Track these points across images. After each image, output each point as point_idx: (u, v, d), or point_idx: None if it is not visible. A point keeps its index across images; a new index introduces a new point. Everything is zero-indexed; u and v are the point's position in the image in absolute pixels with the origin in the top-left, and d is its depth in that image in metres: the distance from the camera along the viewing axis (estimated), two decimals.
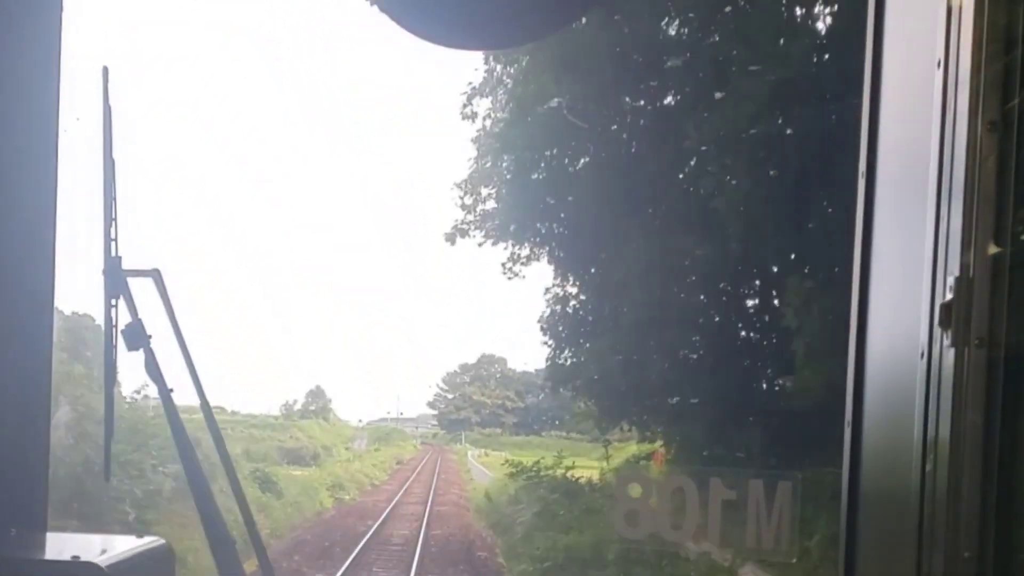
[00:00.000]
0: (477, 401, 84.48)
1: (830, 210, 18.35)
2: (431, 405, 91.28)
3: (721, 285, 23.88)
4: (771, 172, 20.08)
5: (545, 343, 30.43)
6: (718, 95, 20.11)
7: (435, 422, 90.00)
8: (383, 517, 34.07)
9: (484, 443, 75.89)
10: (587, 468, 33.11)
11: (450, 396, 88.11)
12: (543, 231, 29.27)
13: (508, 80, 28.17)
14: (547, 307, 30.59)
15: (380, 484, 48.74)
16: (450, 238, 31.75)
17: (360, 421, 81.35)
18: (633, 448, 34.65)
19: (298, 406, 68.29)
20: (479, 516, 35.57)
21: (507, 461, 34.61)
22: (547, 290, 30.61)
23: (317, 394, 71.69)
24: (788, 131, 19.63)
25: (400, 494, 43.55)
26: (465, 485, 49.28)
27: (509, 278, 31.05)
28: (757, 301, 24.58)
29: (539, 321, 30.38)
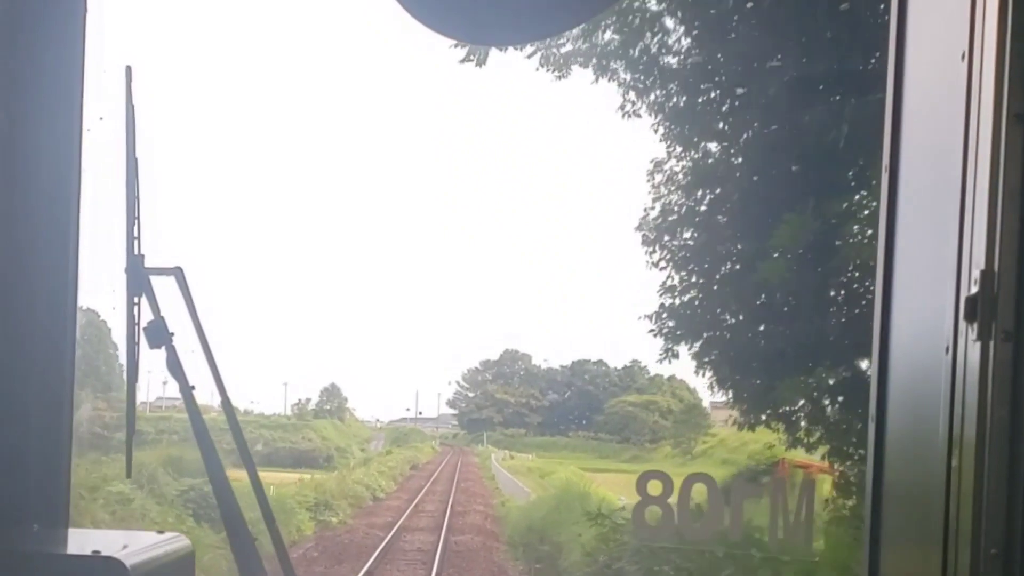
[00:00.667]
0: (500, 400, 79.72)
1: None
2: (451, 404, 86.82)
3: None
4: None
5: (655, 263, 18.41)
6: None
7: (456, 422, 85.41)
8: (374, 557, 23.89)
9: (507, 444, 71.99)
10: None
11: (471, 394, 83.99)
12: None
13: None
14: (653, 204, 18.69)
15: (384, 498, 39.94)
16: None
17: (378, 421, 78.35)
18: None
19: (312, 405, 66.07)
20: (514, 553, 25.46)
21: (619, 504, 21.75)
22: (650, 173, 19.14)
23: (332, 393, 68.99)
24: None
25: (407, 514, 34.05)
26: (490, 498, 41.29)
27: (625, 116, 17.58)
28: None
29: (638, 227, 19.05)
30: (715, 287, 17.55)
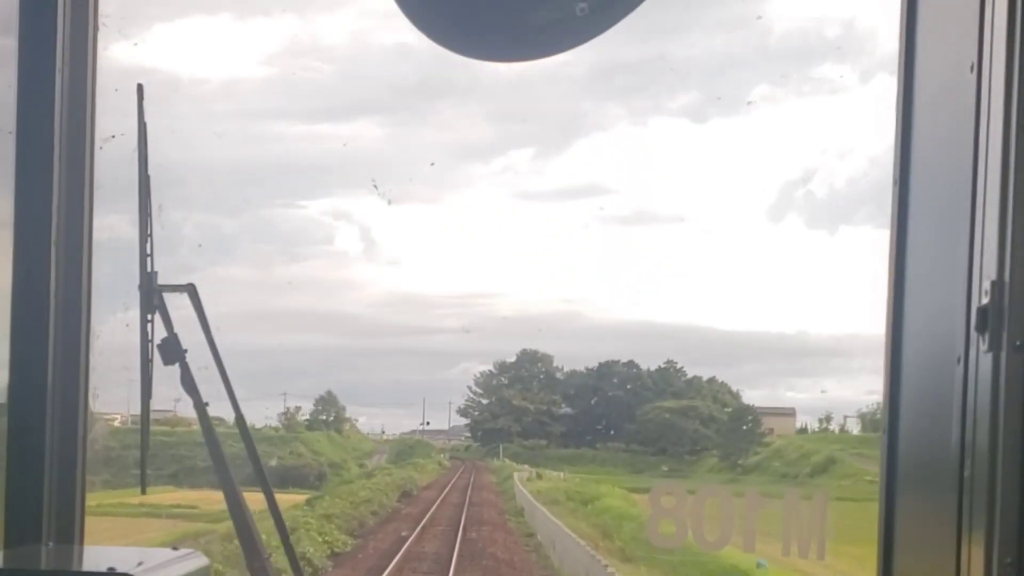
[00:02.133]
0: (518, 407, 67.08)
1: None
2: (463, 412, 72.33)
3: None
4: None
5: None
6: None
7: (468, 433, 73.05)
8: None
9: (527, 457, 62.56)
10: None
11: (485, 401, 70.45)
12: None
13: None
14: None
15: (331, 568, 24.00)
16: None
17: (384, 433, 68.14)
18: None
19: (304, 415, 57.88)
20: None
21: None
22: None
23: (329, 402, 60.00)
24: None
25: None
26: (528, 571, 24.93)
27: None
28: None
29: None
30: None
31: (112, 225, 3.56)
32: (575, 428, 65.28)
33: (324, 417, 59.18)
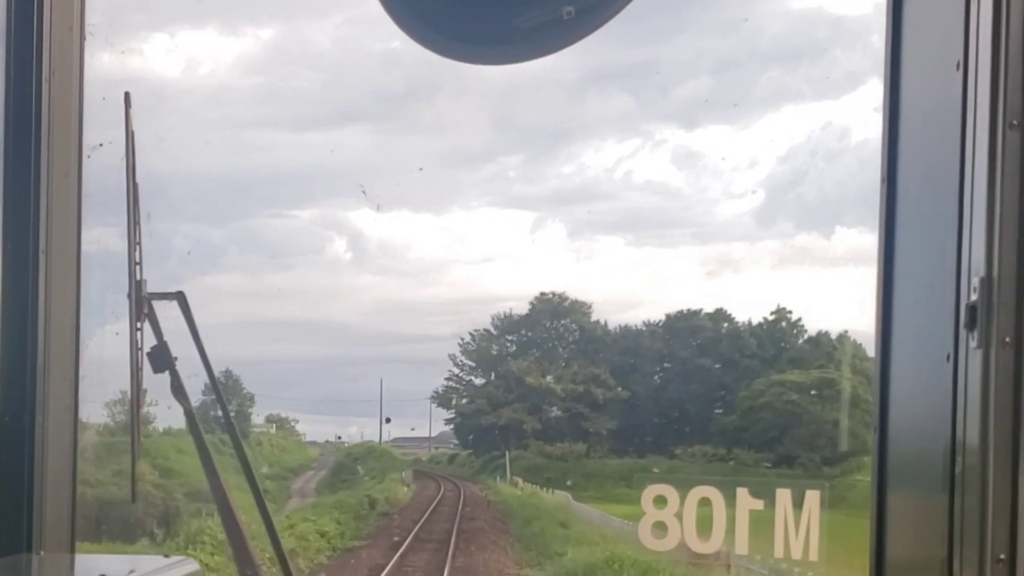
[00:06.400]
0: (533, 389, 40.59)
1: None
2: (438, 399, 44.23)
3: None
4: None
5: None
6: None
7: (457, 440, 46.25)
8: None
9: (554, 473, 36.70)
10: None
11: (479, 381, 42.88)
12: None
13: None
14: None
15: None
16: None
17: (339, 437, 47.67)
18: None
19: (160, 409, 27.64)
20: None
21: None
22: None
23: (231, 389, 37.40)
24: None
25: None
26: None
27: None
28: None
29: None
30: None
31: (100, 234, 3.56)
32: (631, 422, 39.64)
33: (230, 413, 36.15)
